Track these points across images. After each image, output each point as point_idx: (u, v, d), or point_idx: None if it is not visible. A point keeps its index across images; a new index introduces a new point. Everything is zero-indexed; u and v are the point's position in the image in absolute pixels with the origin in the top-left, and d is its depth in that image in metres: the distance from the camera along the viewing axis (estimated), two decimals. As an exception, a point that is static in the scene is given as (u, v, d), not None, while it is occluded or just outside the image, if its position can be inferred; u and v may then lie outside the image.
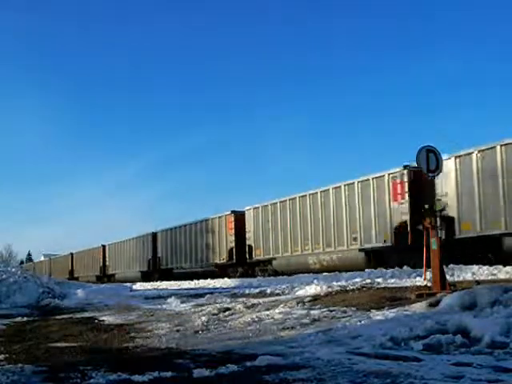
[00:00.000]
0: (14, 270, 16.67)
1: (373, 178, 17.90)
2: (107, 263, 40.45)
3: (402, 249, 16.52)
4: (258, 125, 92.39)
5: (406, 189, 16.35)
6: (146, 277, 32.70)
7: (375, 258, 17.80)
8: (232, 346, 5.68)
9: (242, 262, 24.77)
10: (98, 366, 4.73)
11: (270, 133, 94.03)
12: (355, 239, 18.59)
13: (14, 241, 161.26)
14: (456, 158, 14.88)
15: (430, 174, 8.71)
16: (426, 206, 8.45)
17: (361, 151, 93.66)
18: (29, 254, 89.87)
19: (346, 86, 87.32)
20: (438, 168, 8.64)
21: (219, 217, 26.66)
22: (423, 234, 8.07)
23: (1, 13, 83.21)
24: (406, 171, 16.43)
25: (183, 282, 23.31)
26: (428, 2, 75.07)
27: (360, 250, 18.42)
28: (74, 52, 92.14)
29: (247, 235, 24.46)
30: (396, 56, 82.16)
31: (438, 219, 8.32)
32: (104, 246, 41.23)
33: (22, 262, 77.47)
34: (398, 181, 16.78)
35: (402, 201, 16.55)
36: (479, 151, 14.48)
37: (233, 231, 25.39)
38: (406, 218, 16.32)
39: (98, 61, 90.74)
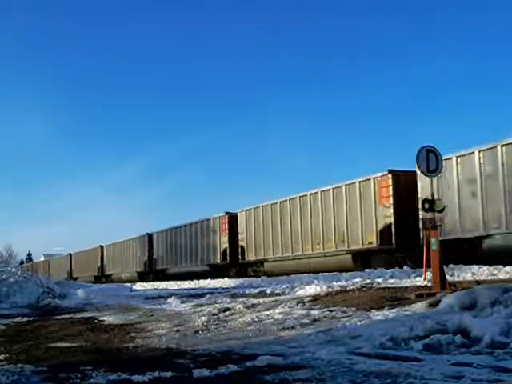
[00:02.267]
0: (14, 270, 16.67)
1: (359, 182, 18.60)
2: (105, 263, 40.98)
3: (386, 250, 17.29)
4: (258, 125, 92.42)
5: (391, 192, 17.14)
6: (142, 277, 33.81)
7: (362, 260, 18.35)
8: (232, 346, 5.68)
9: (236, 263, 25.48)
10: (97, 366, 4.73)
11: (270, 133, 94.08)
12: (343, 241, 19.13)
13: (14, 241, 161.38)
14: None
15: (430, 174, 8.72)
16: (426, 206, 8.46)
17: (361, 151, 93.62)
18: (29, 254, 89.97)
19: (346, 85, 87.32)
20: (438, 168, 8.64)
21: (214, 218, 27.34)
22: (408, 236, 8.17)
23: (1, 13, 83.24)
24: (390, 175, 17.42)
25: (183, 282, 23.33)
26: (428, 1, 75.10)
27: (348, 251, 19.08)
28: (74, 52, 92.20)
29: (240, 236, 25.18)
30: (396, 56, 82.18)
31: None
32: (102, 247, 41.58)
33: (21, 262, 77.44)
34: (384, 184, 17.48)
35: (387, 204, 17.28)
36: (457, 157, 15.13)
37: (226, 232, 26.05)
38: (391, 220, 17.04)
39: (98, 61, 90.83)
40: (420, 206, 8.58)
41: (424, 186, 15.54)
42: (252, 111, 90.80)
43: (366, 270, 14.72)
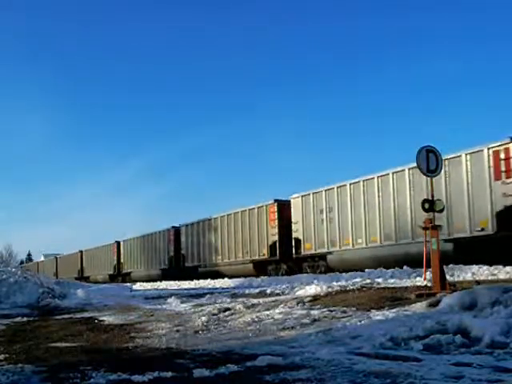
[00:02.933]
0: (14, 270, 16.67)
1: (258, 207, 23.57)
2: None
3: (274, 260, 22.49)
4: (258, 125, 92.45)
5: (276, 217, 22.41)
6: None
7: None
8: (232, 346, 5.68)
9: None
10: (97, 366, 4.73)
11: (270, 133, 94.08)
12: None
13: (14, 241, 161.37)
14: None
15: (430, 174, 8.71)
16: (426, 206, 8.46)
17: (361, 151, 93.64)
18: (29, 254, 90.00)
19: (345, 85, 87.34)
20: (438, 168, 8.64)
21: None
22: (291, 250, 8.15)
23: (1, 13, 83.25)
24: (276, 204, 22.48)
25: (183, 282, 23.31)
26: (428, 1, 75.11)
27: None
28: (74, 52, 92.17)
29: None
30: (396, 56, 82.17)
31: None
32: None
33: (22, 262, 77.51)
34: (271, 210, 22.76)
35: (274, 225, 22.57)
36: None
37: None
38: (276, 238, 22.27)
39: (98, 60, 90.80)
40: (420, 206, 8.56)
41: (295, 213, 21.30)
42: (252, 111, 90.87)
43: (366, 270, 14.72)
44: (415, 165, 15.57)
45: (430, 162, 8.49)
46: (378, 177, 17.84)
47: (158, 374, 4.30)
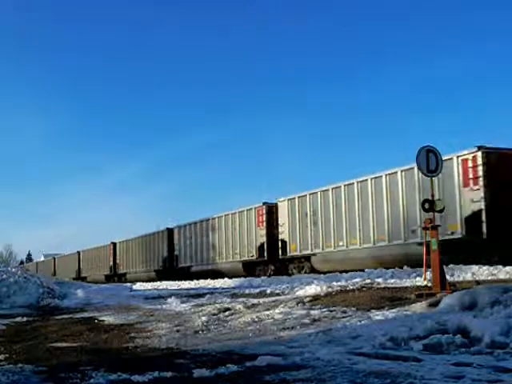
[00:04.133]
0: (14, 270, 16.66)
1: (247, 210, 24.31)
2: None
3: (262, 261, 23.25)
4: (258, 125, 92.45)
5: (265, 219, 23.19)
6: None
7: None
8: (232, 346, 5.68)
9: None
10: (98, 365, 4.73)
11: (270, 133, 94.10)
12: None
13: (14, 241, 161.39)
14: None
15: (430, 174, 8.71)
16: (426, 206, 8.46)
17: (360, 151, 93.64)
18: (29, 254, 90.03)
19: (345, 85, 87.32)
20: (438, 168, 8.63)
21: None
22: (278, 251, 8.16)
23: (1, 13, 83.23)
24: (265, 207, 23.39)
25: (183, 281, 23.30)
26: (428, 2, 75.10)
27: None
28: (74, 51, 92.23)
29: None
30: (396, 56, 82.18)
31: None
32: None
33: (21, 262, 77.52)
34: (260, 213, 23.53)
35: (262, 227, 23.39)
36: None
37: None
38: (264, 240, 23.10)
39: (99, 60, 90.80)
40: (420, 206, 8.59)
41: (282, 215, 22.04)
42: (252, 111, 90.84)
43: (366, 270, 14.70)
44: (393, 171, 16.86)
45: (430, 162, 8.48)
46: (357, 182, 18.38)
47: (158, 374, 4.31)
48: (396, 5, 76.56)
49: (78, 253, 46.34)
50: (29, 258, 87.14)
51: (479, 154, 14.35)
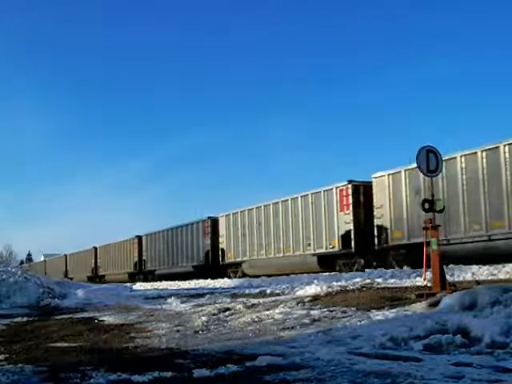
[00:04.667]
0: (14, 270, 16.65)
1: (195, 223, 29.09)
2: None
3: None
4: (258, 125, 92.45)
5: (209, 230, 27.66)
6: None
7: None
8: (232, 346, 5.68)
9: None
10: (98, 366, 4.73)
11: (271, 133, 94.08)
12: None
13: (14, 241, 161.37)
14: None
15: (430, 174, 8.71)
16: (426, 206, 8.46)
17: (361, 151, 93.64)
18: (29, 254, 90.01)
19: (346, 85, 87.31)
20: (438, 168, 8.63)
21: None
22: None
23: (1, 13, 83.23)
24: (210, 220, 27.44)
25: (183, 282, 23.33)
26: (427, 2, 75.11)
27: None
28: (75, 52, 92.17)
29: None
30: (396, 56, 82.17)
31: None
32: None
33: (21, 262, 77.44)
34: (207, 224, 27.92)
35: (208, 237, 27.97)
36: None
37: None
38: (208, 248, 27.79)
39: (99, 61, 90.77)
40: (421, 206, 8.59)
41: (222, 229, 26.83)
42: (252, 111, 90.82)
43: (366, 270, 14.71)
44: (314, 191, 21.17)
45: (430, 162, 8.48)
46: (281, 201, 22.73)
47: (158, 374, 4.30)
48: (396, 5, 76.58)
49: (65, 256, 48.97)
50: (29, 258, 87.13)
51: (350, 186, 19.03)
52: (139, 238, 35.74)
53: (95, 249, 42.77)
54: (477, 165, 14.80)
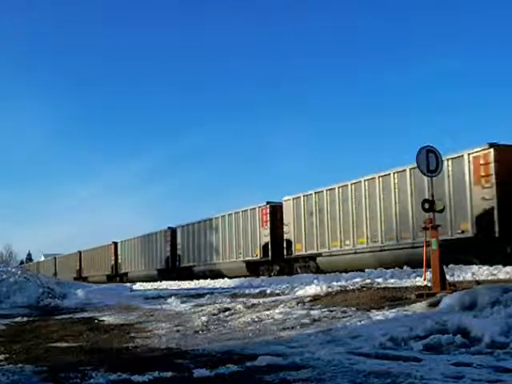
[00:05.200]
0: (14, 270, 16.66)
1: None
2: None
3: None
4: (258, 125, 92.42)
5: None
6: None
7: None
8: (232, 346, 5.68)
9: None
10: (98, 365, 4.74)
11: (271, 132, 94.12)
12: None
13: (14, 241, 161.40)
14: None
15: (430, 174, 8.71)
16: (426, 206, 8.46)
17: (361, 151, 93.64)
18: (29, 254, 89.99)
19: (346, 85, 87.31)
20: (438, 168, 8.63)
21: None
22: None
23: (1, 13, 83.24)
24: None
25: (183, 281, 23.32)
26: (428, 1, 75.11)
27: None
28: (74, 52, 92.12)
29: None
30: (396, 56, 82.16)
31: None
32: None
33: (21, 262, 77.48)
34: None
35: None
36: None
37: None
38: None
39: (99, 60, 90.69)
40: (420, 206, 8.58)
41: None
42: (252, 111, 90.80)
43: (366, 270, 14.70)
44: (242, 209, 22.43)
45: (429, 162, 8.48)
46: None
47: (158, 374, 4.31)
48: (396, 5, 76.58)
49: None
50: (29, 258, 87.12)
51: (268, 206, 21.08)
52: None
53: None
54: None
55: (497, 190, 14.14)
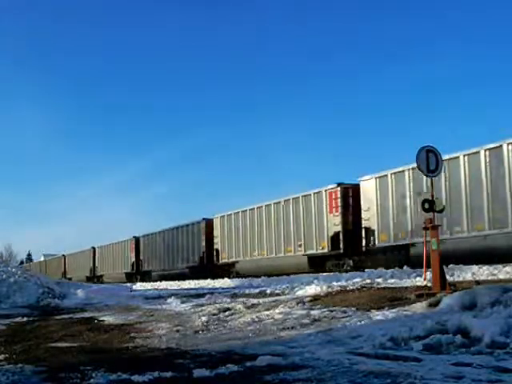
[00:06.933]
0: (14, 269, 16.66)
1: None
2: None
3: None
4: (258, 125, 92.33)
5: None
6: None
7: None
8: (232, 346, 5.68)
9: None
10: (98, 366, 4.73)
11: (271, 133, 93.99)
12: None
13: (14, 241, 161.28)
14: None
15: (430, 174, 8.70)
16: (426, 206, 8.45)
17: (361, 151, 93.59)
18: (29, 254, 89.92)
19: (346, 85, 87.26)
20: (438, 168, 8.63)
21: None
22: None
23: (1, 13, 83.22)
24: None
25: (183, 281, 23.36)
26: (428, 1, 75.10)
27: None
28: (75, 52, 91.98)
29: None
30: (396, 56, 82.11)
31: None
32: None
33: (21, 262, 77.44)
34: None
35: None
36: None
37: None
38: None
39: (99, 61, 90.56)
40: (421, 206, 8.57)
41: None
42: (252, 111, 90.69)
43: (366, 270, 14.70)
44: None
45: (429, 162, 8.47)
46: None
47: (158, 374, 4.30)
48: (396, 5, 76.57)
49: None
50: (29, 258, 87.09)
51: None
52: (136, 239, 36.57)
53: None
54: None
55: (341, 218, 19.44)
